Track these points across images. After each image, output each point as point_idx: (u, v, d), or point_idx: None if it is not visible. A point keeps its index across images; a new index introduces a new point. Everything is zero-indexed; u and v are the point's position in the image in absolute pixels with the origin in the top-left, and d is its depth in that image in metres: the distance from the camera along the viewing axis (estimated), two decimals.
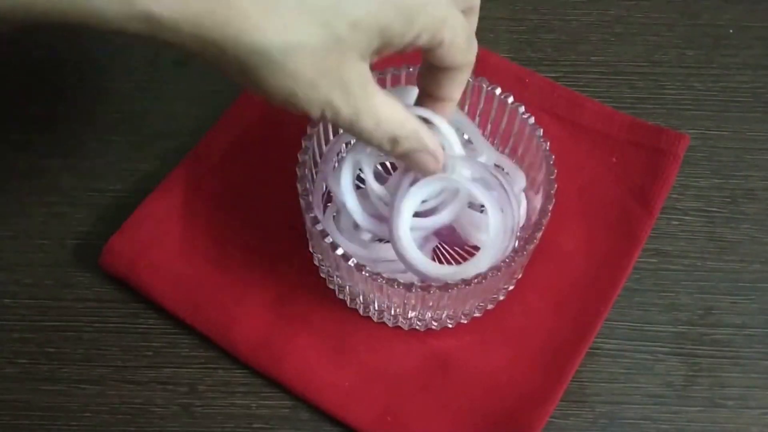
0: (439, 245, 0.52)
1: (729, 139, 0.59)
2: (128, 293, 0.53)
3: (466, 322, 0.51)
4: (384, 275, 0.46)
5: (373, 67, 0.41)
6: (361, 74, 0.39)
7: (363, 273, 0.46)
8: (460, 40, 0.42)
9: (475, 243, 0.50)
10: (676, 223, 0.56)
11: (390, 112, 0.42)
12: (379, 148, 0.43)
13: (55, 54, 0.62)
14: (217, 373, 0.51)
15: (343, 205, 0.48)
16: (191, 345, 0.52)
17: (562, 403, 0.49)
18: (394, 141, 0.42)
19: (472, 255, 0.50)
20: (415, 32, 0.39)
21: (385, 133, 0.42)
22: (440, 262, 0.52)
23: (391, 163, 0.52)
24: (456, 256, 0.52)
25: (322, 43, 0.37)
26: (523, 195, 0.52)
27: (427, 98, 0.46)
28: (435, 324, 0.51)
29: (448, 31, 0.40)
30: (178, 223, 0.54)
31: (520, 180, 0.51)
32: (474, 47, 0.44)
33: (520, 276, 0.52)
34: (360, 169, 0.49)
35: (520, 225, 0.50)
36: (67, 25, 0.35)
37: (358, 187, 0.49)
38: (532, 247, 0.47)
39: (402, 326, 0.51)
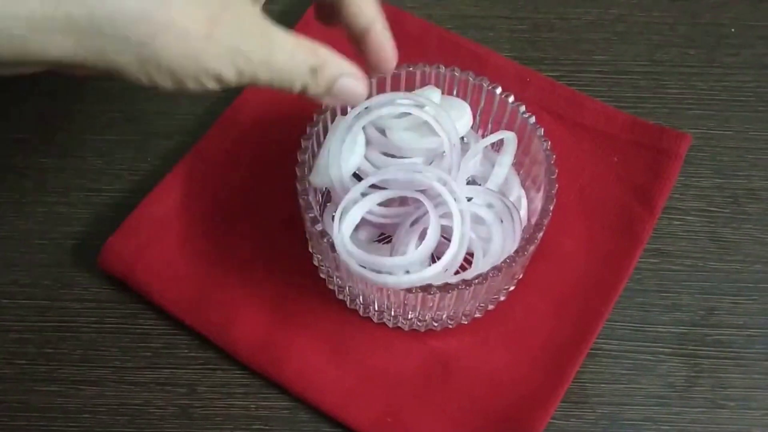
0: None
1: (731, 138, 0.59)
2: (127, 294, 0.53)
3: (466, 322, 0.51)
4: None
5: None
6: (253, 11, 0.38)
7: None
8: None
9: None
10: (678, 223, 0.56)
11: (297, 41, 0.39)
12: (303, 86, 0.40)
13: None
14: (216, 374, 0.51)
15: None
16: (190, 346, 0.52)
17: (563, 404, 0.49)
18: (314, 70, 0.40)
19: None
20: None
21: (303, 63, 0.39)
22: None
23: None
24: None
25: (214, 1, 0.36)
26: (523, 194, 0.51)
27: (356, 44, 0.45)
28: (435, 324, 0.51)
29: None
30: (177, 224, 0.54)
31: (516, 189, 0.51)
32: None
33: (520, 276, 0.52)
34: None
35: (522, 225, 0.49)
36: None
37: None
38: (533, 247, 0.47)
39: (402, 327, 0.51)
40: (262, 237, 0.54)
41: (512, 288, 0.52)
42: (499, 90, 0.51)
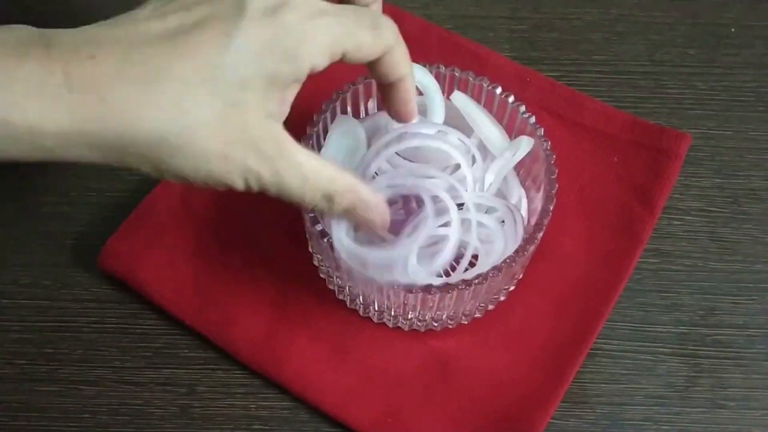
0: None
1: (731, 138, 0.59)
2: (127, 294, 0.53)
3: (466, 322, 0.51)
4: None
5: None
6: (272, 133, 0.38)
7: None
8: (363, 41, 0.40)
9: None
10: (678, 223, 0.56)
11: (316, 167, 0.40)
12: (316, 208, 0.42)
13: None
14: (217, 374, 0.51)
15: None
16: (190, 346, 0.52)
17: (562, 404, 0.49)
18: (329, 198, 0.41)
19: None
20: (307, 65, 0.38)
21: (316, 190, 0.40)
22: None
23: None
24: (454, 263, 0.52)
25: (216, 114, 0.36)
26: (523, 194, 0.51)
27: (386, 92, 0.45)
28: (435, 324, 0.51)
29: (341, 45, 0.39)
30: (177, 224, 0.54)
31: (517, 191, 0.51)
32: (383, 31, 0.41)
33: (520, 276, 0.52)
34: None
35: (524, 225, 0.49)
36: None
37: None
38: (533, 247, 0.47)
39: (402, 327, 0.51)
40: (262, 237, 0.54)
41: (512, 288, 0.52)
42: (499, 90, 0.51)
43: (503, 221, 0.49)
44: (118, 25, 0.37)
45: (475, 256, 0.48)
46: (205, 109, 0.36)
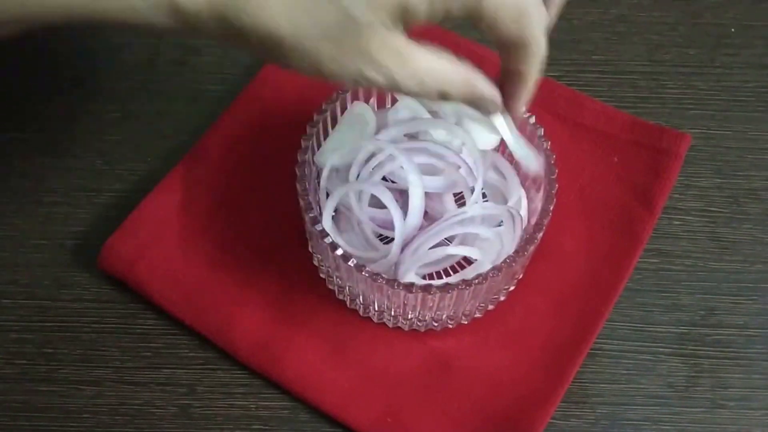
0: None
1: (731, 138, 0.59)
2: (127, 294, 0.53)
3: (466, 322, 0.51)
4: (384, 276, 0.45)
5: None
6: (389, 43, 0.38)
7: (363, 273, 0.45)
8: (505, 11, 0.39)
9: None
10: (678, 223, 0.56)
11: (433, 67, 0.39)
12: (432, 100, 0.41)
13: (54, 54, 0.62)
14: (217, 374, 0.51)
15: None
16: (190, 346, 0.52)
17: (563, 404, 0.49)
18: (444, 94, 0.40)
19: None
20: (440, 3, 0.38)
21: (432, 89, 0.40)
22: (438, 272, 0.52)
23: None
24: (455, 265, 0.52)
25: (336, 24, 0.36)
26: (523, 194, 0.51)
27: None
28: (435, 324, 0.51)
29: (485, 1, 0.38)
30: (177, 224, 0.54)
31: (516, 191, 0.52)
32: (534, 18, 0.40)
33: (520, 276, 0.52)
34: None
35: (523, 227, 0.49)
36: (100, 22, 0.36)
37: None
38: (532, 247, 0.47)
39: (402, 327, 0.51)
40: (262, 237, 0.54)
41: (512, 288, 0.52)
42: None
43: (501, 222, 0.49)
44: None
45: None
46: (327, 18, 0.36)
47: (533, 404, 0.49)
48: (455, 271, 0.51)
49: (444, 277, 0.51)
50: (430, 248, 0.48)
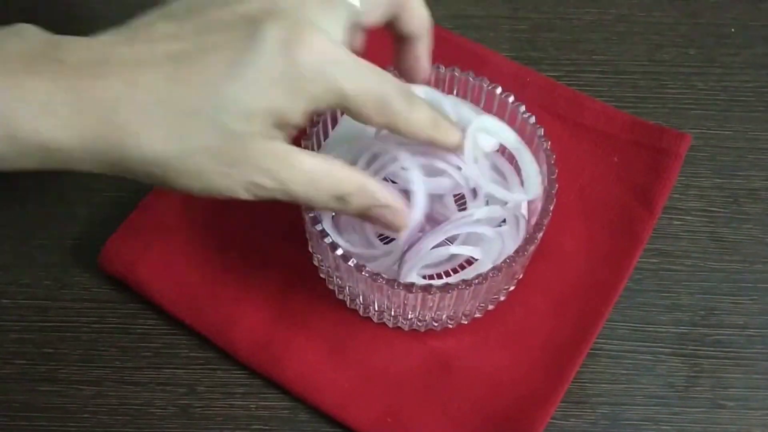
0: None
1: (731, 138, 0.59)
2: (127, 294, 0.53)
3: (466, 322, 0.51)
4: (384, 276, 0.45)
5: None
6: (274, 151, 0.38)
7: (363, 273, 0.45)
8: (367, 92, 0.39)
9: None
10: (678, 223, 0.56)
11: (325, 170, 0.40)
12: (331, 209, 0.42)
13: None
14: (217, 374, 0.51)
15: None
16: (190, 346, 0.52)
17: (562, 404, 0.49)
18: (341, 199, 0.41)
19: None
20: (314, 105, 0.38)
21: (326, 193, 0.40)
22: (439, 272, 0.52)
23: None
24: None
25: (219, 141, 0.37)
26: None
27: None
28: (435, 324, 0.51)
29: (347, 84, 0.38)
30: (177, 224, 0.54)
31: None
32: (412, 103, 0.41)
33: (520, 276, 0.52)
34: None
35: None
36: None
37: None
38: (532, 247, 0.47)
39: (402, 327, 0.51)
40: (262, 237, 0.54)
41: (512, 288, 0.52)
42: (499, 90, 0.51)
43: (503, 221, 0.49)
44: (132, 42, 0.37)
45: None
46: (209, 136, 0.37)
47: (533, 404, 0.49)
48: (455, 272, 0.51)
49: (444, 277, 0.51)
50: (432, 248, 0.48)
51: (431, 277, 0.51)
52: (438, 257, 0.49)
